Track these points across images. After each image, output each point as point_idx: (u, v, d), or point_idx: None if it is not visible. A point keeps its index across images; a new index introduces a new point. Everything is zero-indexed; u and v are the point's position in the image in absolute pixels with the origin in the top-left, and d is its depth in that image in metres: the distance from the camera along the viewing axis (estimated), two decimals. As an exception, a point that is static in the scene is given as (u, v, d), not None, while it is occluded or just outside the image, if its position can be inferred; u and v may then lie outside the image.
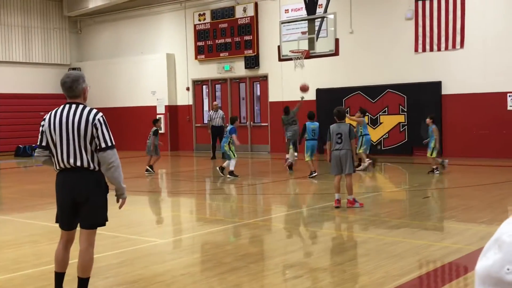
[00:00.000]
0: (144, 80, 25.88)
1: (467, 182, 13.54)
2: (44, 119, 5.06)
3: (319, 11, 17.85)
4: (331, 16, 16.80)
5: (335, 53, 16.76)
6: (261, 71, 23.01)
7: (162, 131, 25.51)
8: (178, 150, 25.23)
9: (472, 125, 18.25)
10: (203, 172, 18.20)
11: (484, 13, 17.94)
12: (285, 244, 7.64)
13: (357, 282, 5.90)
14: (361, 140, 15.47)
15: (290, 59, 17.25)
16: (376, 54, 19.94)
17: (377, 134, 20.03)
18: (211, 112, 21.72)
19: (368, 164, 15.62)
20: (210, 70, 24.37)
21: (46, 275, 5.97)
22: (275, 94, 22.54)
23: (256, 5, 22.81)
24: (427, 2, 18.92)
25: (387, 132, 19.90)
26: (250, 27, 22.89)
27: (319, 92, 21.12)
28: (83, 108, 4.99)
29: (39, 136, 5.07)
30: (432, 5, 18.84)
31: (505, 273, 0.99)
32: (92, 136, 4.91)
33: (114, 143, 4.98)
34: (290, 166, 16.06)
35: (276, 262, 6.72)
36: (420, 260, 6.68)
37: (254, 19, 22.80)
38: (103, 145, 4.92)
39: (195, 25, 24.49)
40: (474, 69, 18.17)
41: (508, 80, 17.58)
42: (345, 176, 10.06)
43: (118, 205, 5.18)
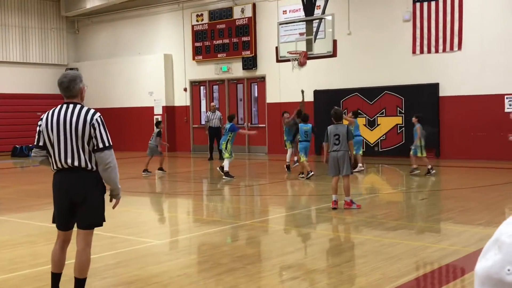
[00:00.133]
0: (142, 81, 25.86)
1: (464, 183, 13.56)
2: (41, 119, 5.04)
3: (317, 12, 17.84)
4: (329, 18, 16.81)
5: (333, 55, 16.75)
6: (258, 72, 23.00)
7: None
8: (176, 151, 25.19)
9: (469, 127, 18.27)
10: (200, 173, 18.20)
11: (482, 15, 17.97)
12: (282, 246, 7.63)
13: (354, 284, 5.90)
14: None
15: (288, 60, 17.24)
16: (374, 55, 19.95)
17: (374, 135, 20.05)
18: (208, 113, 21.71)
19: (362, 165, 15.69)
20: (208, 71, 24.36)
21: (43, 276, 5.95)
22: (273, 95, 22.54)
23: (254, 6, 22.81)
24: (425, 4, 18.94)
25: (384, 134, 19.91)
26: (248, 28, 22.88)
27: (316, 93, 21.12)
28: (81, 108, 4.98)
29: (36, 136, 5.05)
30: (430, 7, 18.86)
31: (505, 274, 0.98)
32: (90, 136, 4.90)
33: (111, 144, 4.98)
34: (288, 167, 16.08)
35: (273, 263, 6.71)
36: (417, 262, 6.67)
37: (252, 20, 22.80)
38: (101, 145, 4.91)
39: (193, 26, 24.48)
40: (471, 71, 18.19)
41: (505, 82, 17.61)
42: (343, 178, 10.05)
43: (112, 205, 5.19)
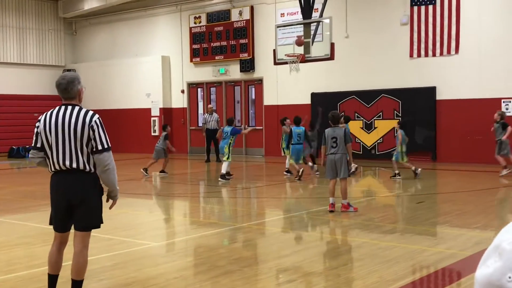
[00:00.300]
0: (139, 83, 25.83)
1: (461, 187, 13.57)
2: (39, 120, 5.03)
3: (315, 15, 17.86)
4: (327, 21, 16.83)
5: (331, 58, 16.78)
6: (256, 75, 23.01)
7: (157, 133, 25.49)
8: (173, 152, 25.12)
9: (466, 131, 18.30)
10: (197, 175, 18.19)
11: (479, 20, 18.01)
12: (279, 248, 7.62)
13: (351, 287, 5.90)
14: None
15: (286, 63, 17.26)
16: (371, 59, 19.97)
17: (371, 138, 20.07)
18: (206, 115, 21.70)
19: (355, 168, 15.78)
20: (205, 73, 24.35)
21: (39, 277, 5.94)
22: (270, 98, 22.55)
23: (252, 9, 22.82)
24: (422, 7, 18.98)
25: (381, 137, 19.92)
26: (246, 31, 22.89)
27: (314, 96, 21.14)
28: (79, 109, 4.97)
29: (34, 138, 5.03)
30: (427, 11, 18.89)
31: (506, 281, 0.98)
32: (89, 138, 4.89)
33: (110, 145, 4.97)
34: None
35: (270, 266, 6.71)
36: (414, 265, 6.68)
37: (250, 22, 22.81)
38: (100, 147, 4.90)
39: (190, 28, 24.48)
40: (468, 75, 18.23)
41: (502, 86, 17.64)
42: (340, 180, 10.07)
43: (109, 206, 5.19)
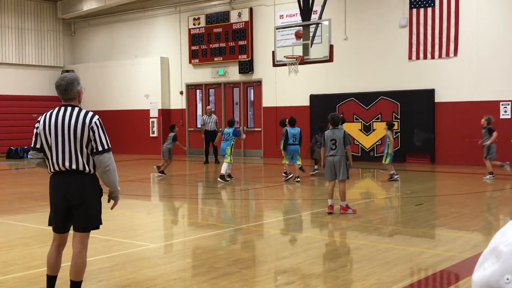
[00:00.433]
0: (138, 84, 25.83)
1: (459, 189, 13.58)
2: (39, 121, 5.02)
3: (314, 17, 17.87)
4: (326, 23, 16.83)
5: (329, 60, 16.78)
6: (255, 76, 23.02)
7: (156, 134, 25.48)
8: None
9: (465, 133, 18.31)
10: (196, 177, 18.18)
11: (477, 22, 18.04)
12: (277, 250, 7.62)
13: (350, 289, 5.90)
14: None
15: (284, 64, 17.27)
16: (370, 61, 20.00)
17: (370, 141, 20.09)
18: (204, 116, 21.70)
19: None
20: (204, 74, 24.36)
21: (38, 278, 5.94)
22: (269, 99, 22.56)
23: (251, 10, 22.84)
24: (421, 10, 19.01)
25: (380, 139, 19.92)
26: (245, 32, 22.91)
27: (312, 98, 21.16)
28: (79, 110, 4.97)
29: (33, 138, 5.02)
30: (426, 13, 18.92)
31: (504, 283, 0.99)
32: (89, 139, 4.89)
33: (110, 146, 4.98)
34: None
35: (268, 268, 6.71)
36: (413, 267, 6.68)
37: (249, 24, 22.83)
38: (100, 148, 4.90)
39: (189, 29, 24.49)
40: (467, 77, 18.25)
41: (501, 88, 17.67)
42: (339, 182, 10.07)
43: (110, 206, 5.19)
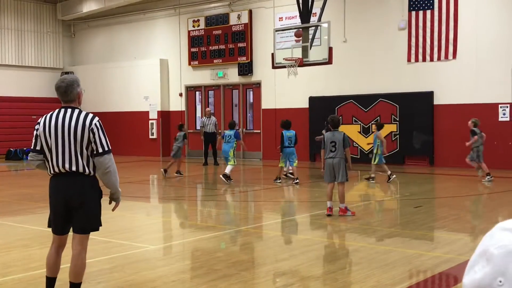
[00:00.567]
0: (137, 85, 25.84)
1: (458, 192, 13.60)
2: (38, 123, 5.03)
3: (313, 19, 17.90)
4: (325, 25, 16.85)
5: (329, 62, 16.80)
6: (254, 78, 23.04)
7: (155, 136, 25.48)
8: (170, 155, 25.11)
9: (463, 136, 18.28)
10: (195, 178, 18.18)
11: (476, 25, 18.07)
12: (276, 252, 7.63)
13: (349, 291, 5.91)
14: None
15: (284, 66, 17.28)
16: (369, 63, 20.02)
17: (369, 143, 20.07)
18: (203, 118, 21.69)
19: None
20: (204, 76, 24.38)
21: (37, 280, 5.94)
22: (268, 101, 22.58)
23: (250, 13, 22.86)
24: (420, 12, 19.03)
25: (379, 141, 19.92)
26: (244, 34, 22.93)
27: (312, 100, 21.17)
28: (79, 112, 4.98)
29: (33, 140, 5.03)
30: (425, 16, 18.95)
31: (497, 285, 0.99)
32: (89, 141, 4.90)
33: (110, 148, 4.98)
34: None
35: (267, 270, 6.72)
36: (411, 269, 6.69)
37: (248, 26, 22.85)
38: (100, 150, 4.91)
39: (189, 31, 24.51)
40: (466, 79, 18.28)
41: (499, 91, 17.69)
42: (338, 184, 10.08)
43: (112, 208, 5.20)
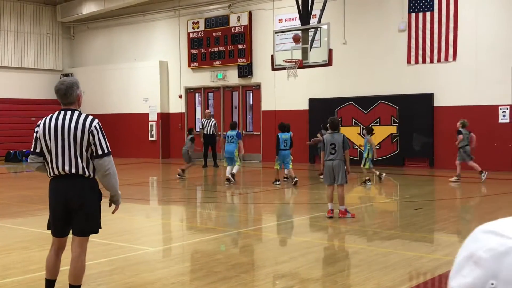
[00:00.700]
0: (137, 87, 25.84)
1: (458, 194, 13.59)
2: (38, 125, 5.02)
3: (313, 21, 17.90)
4: (325, 27, 16.86)
5: (328, 64, 16.80)
6: (254, 80, 23.04)
7: (154, 138, 25.48)
8: (170, 157, 25.16)
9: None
10: (195, 180, 18.17)
11: (476, 26, 18.08)
12: (276, 254, 7.62)
13: (349, 293, 5.90)
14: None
15: (283, 68, 17.28)
16: (369, 65, 20.02)
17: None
18: (203, 120, 21.69)
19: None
20: (203, 78, 24.38)
21: (36, 282, 5.93)
22: (268, 103, 22.57)
23: (250, 14, 22.87)
24: (420, 14, 19.04)
25: (379, 143, 19.93)
26: (244, 36, 22.93)
27: (311, 102, 21.17)
28: (79, 114, 4.97)
29: (33, 143, 5.03)
30: (425, 17, 18.96)
31: None
32: (89, 143, 4.89)
33: (110, 150, 4.98)
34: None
35: (267, 272, 6.71)
36: (411, 272, 6.68)
37: (248, 28, 22.85)
38: (100, 152, 4.90)
39: (188, 33, 24.51)
40: (466, 81, 18.28)
41: (499, 93, 17.69)
42: (338, 187, 10.07)
43: (112, 210, 5.19)
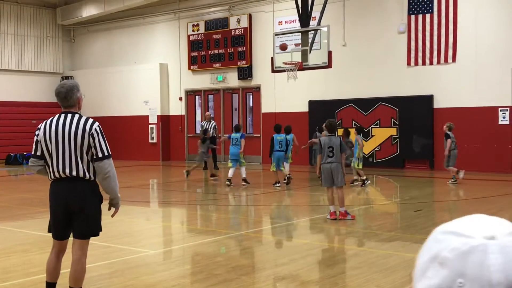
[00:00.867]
0: (137, 90, 25.86)
1: (458, 195, 13.59)
2: (39, 128, 5.03)
3: (313, 23, 17.91)
4: (325, 29, 16.87)
5: (328, 66, 16.81)
6: (254, 82, 23.06)
7: (155, 141, 25.49)
8: (170, 160, 25.17)
9: (463, 139, 18.31)
10: (195, 183, 18.16)
11: (476, 28, 18.09)
12: (276, 256, 7.63)
13: (349, 295, 5.90)
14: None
15: (283, 70, 17.29)
16: (368, 67, 20.04)
17: (369, 146, 20.08)
18: (203, 122, 21.69)
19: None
20: (203, 80, 24.39)
21: (37, 285, 5.93)
22: (268, 105, 22.59)
23: (250, 17, 22.89)
24: (419, 16, 19.06)
25: (379, 145, 19.96)
26: (244, 38, 22.95)
27: (311, 104, 21.19)
28: (79, 117, 4.99)
29: (34, 146, 5.04)
30: (424, 19, 18.98)
31: (457, 287, 0.99)
32: (89, 145, 4.90)
33: (110, 153, 4.99)
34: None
35: (267, 274, 6.71)
36: (412, 274, 6.67)
37: (248, 30, 22.87)
38: (100, 154, 4.91)
39: (188, 36, 24.53)
40: (465, 83, 18.29)
41: (499, 94, 17.70)
42: (337, 189, 10.06)
43: (111, 213, 5.19)
